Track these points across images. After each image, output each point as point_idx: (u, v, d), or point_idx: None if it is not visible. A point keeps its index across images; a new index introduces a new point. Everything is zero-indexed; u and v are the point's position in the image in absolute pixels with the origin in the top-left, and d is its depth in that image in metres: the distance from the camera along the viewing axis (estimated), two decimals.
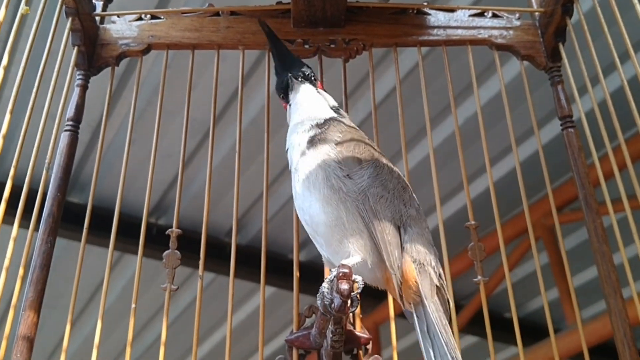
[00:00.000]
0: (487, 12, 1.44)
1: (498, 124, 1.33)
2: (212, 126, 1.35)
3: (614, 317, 1.15)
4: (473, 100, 2.55)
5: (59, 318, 3.65)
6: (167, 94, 1.39)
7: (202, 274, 1.22)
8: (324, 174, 1.02)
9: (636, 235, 1.09)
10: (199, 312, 1.18)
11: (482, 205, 1.59)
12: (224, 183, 2.46)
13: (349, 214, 0.99)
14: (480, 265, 1.21)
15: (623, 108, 1.16)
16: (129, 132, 1.32)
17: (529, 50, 1.40)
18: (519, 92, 1.35)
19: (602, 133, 1.19)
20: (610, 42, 1.20)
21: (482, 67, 2.47)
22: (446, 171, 2.65)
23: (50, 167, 1.19)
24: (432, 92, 1.40)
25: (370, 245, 0.98)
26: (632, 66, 1.14)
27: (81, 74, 1.33)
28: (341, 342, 1.03)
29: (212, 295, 3.64)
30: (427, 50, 2.51)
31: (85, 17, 1.32)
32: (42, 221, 1.16)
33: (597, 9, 1.25)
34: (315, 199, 1.02)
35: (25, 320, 1.07)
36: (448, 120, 2.84)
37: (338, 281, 0.85)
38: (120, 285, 3.88)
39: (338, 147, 1.05)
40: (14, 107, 1.13)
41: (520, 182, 1.29)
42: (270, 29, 1.24)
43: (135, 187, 2.79)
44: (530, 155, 2.86)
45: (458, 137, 1.33)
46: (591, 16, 1.28)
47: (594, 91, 1.24)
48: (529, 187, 1.28)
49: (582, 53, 1.30)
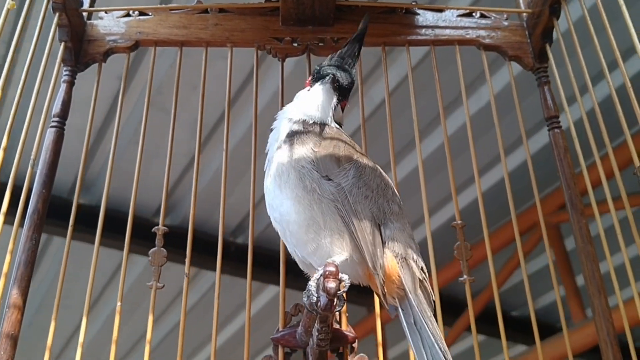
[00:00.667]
0: (475, 13, 1.45)
1: (503, 120, 1.34)
2: (198, 137, 1.34)
3: (597, 316, 1.16)
4: (470, 104, 2.58)
5: (68, 317, 3.69)
6: (170, 94, 1.38)
7: (188, 272, 1.22)
8: (297, 174, 1.01)
9: (622, 241, 1.10)
10: (217, 305, 1.17)
11: (490, 202, 1.58)
12: (230, 180, 2.48)
13: (325, 215, 0.98)
14: (467, 265, 1.22)
15: (611, 115, 1.17)
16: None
17: (517, 51, 1.41)
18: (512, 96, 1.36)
19: (591, 141, 1.19)
20: (599, 49, 1.21)
21: (476, 73, 2.48)
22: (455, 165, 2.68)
23: (36, 163, 1.18)
24: (430, 95, 1.40)
25: (352, 245, 0.98)
26: (620, 74, 1.15)
27: (68, 70, 1.33)
28: (327, 340, 1.02)
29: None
30: (421, 57, 2.53)
31: (73, 12, 1.31)
32: (27, 218, 1.15)
33: (587, 18, 1.25)
34: (285, 197, 1.02)
35: (9, 317, 1.06)
36: (449, 119, 2.85)
37: (325, 280, 0.85)
38: (127, 285, 3.87)
39: (316, 148, 1.05)
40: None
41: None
42: (366, 28, 1.20)
43: (140, 186, 2.81)
44: (541, 148, 2.90)
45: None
46: (579, 25, 1.29)
47: (582, 99, 1.25)
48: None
49: (570, 59, 1.30)
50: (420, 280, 1.01)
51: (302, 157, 1.04)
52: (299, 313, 1.18)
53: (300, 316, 1.13)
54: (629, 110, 1.11)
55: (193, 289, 3.87)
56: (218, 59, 1.42)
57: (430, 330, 0.95)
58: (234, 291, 3.16)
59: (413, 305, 0.98)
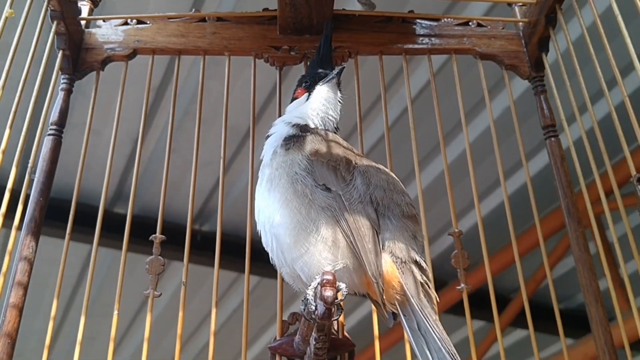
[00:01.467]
0: (472, 22, 1.46)
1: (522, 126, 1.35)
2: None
3: (595, 325, 1.16)
4: (493, 109, 2.60)
5: (102, 325, 3.69)
6: (205, 103, 1.38)
7: (186, 281, 1.21)
8: (289, 179, 1.01)
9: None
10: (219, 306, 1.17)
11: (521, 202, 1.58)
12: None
13: (317, 222, 0.97)
14: (464, 273, 1.22)
15: (611, 134, 1.16)
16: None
17: (513, 60, 1.42)
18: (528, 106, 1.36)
19: (590, 160, 1.19)
20: (599, 70, 1.20)
21: (493, 82, 2.48)
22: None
23: (33, 171, 1.18)
24: (449, 101, 1.40)
25: (348, 253, 0.97)
26: (618, 92, 1.14)
27: (66, 78, 1.33)
28: (325, 349, 1.02)
29: (259, 298, 3.62)
30: (438, 67, 2.52)
31: (71, 21, 1.31)
32: (24, 226, 1.15)
33: (586, 37, 1.25)
34: (274, 200, 1.01)
35: (6, 325, 1.06)
36: (473, 122, 2.86)
37: (322, 288, 0.85)
38: (170, 289, 3.89)
39: (313, 156, 1.04)
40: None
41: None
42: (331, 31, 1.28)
43: (178, 195, 2.87)
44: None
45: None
46: (578, 43, 1.29)
47: (581, 118, 1.25)
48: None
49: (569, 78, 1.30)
50: (421, 284, 0.99)
51: (296, 162, 1.03)
52: (297, 322, 1.18)
53: (298, 325, 1.13)
54: (628, 128, 1.10)
55: (235, 292, 3.91)
56: (247, 67, 1.42)
57: (437, 334, 0.93)
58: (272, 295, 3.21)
59: (416, 310, 0.96)
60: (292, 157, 1.05)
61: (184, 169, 1.99)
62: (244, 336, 1.17)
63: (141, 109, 1.34)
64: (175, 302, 1.19)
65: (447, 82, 1.50)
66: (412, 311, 0.97)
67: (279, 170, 1.04)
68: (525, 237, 2.92)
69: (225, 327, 4.13)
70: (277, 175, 1.03)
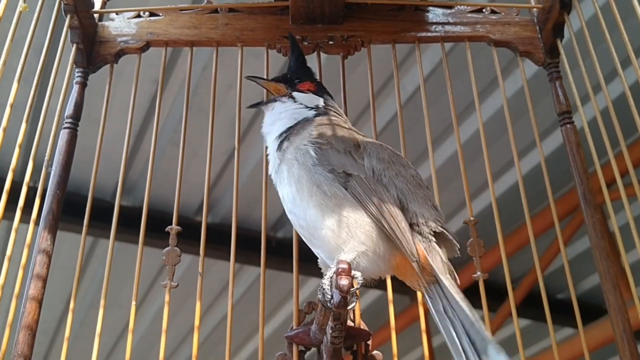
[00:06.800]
0: (486, 9, 1.44)
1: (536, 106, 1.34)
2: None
3: (613, 312, 1.15)
4: (499, 95, 2.60)
5: (116, 316, 3.73)
6: (206, 94, 1.38)
7: (202, 271, 1.22)
8: (311, 178, 0.99)
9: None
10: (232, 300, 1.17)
11: (532, 184, 1.57)
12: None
13: (352, 214, 0.96)
14: (479, 261, 1.21)
15: (625, 114, 1.16)
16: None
17: (528, 47, 1.40)
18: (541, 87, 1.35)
19: (605, 140, 1.17)
20: (612, 48, 1.19)
21: (505, 64, 2.46)
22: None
23: (50, 164, 1.19)
24: (461, 83, 1.38)
25: (376, 236, 0.95)
26: (633, 72, 1.13)
27: (80, 72, 1.33)
28: (341, 338, 1.03)
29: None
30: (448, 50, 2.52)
31: (84, 14, 1.32)
32: (42, 219, 1.16)
33: (599, 15, 1.23)
34: (309, 206, 0.99)
35: (26, 317, 1.07)
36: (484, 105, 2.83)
37: (337, 277, 0.85)
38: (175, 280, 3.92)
39: (324, 145, 1.03)
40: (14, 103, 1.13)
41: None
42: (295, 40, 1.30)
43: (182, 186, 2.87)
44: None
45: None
46: (592, 23, 1.28)
47: (595, 98, 1.23)
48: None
49: (582, 58, 1.29)
50: (446, 264, 0.97)
51: (309, 154, 1.03)
52: (313, 311, 1.18)
53: (314, 314, 1.14)
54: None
55: (238, 282, 3.86)
56: (251, 57, 1.41)
57: (468, 310, 0.90)
58: (276, 285, 3.24)
59: (446, 287, 0.93)
60: (304, 149, 1.04)
61: (187, 160, 1.98)
62: (261, 316, 1.18)
63: (142, 101, 1.35)
64: (177, 293, 1.21)
65: (455, 67, 1.49)
66: (441, 289, 0.94)
67: (295, 168, 1.02)
68: (525, 228, 2.90)
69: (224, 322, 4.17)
70: (297, 176, 1.01)
